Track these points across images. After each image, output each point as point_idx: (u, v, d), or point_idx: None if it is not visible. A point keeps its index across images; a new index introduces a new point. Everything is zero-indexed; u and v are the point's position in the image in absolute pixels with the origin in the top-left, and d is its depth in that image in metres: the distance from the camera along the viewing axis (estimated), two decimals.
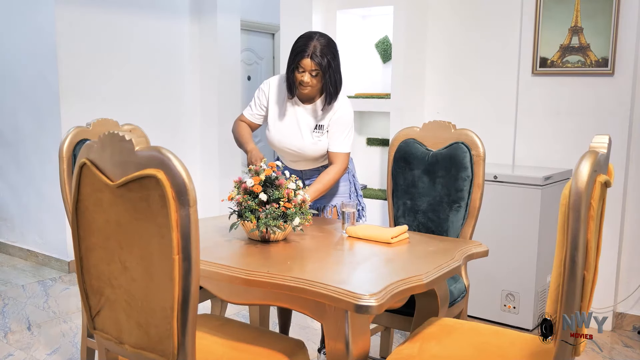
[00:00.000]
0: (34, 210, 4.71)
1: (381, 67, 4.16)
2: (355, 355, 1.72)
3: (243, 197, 2.12)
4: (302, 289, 1.71)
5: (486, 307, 3.40)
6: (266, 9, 5.90)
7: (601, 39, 3.31)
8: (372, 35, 4.16)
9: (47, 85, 4.36)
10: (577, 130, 3.45)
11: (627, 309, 3.44)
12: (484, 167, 2.47)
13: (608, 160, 1.65)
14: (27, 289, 4.08)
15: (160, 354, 1.49)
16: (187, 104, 5.18)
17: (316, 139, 2.59)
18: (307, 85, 2.47)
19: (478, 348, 1.83)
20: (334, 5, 4.01)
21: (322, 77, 2.46)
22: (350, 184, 2.74)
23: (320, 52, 2.42)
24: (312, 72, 2.44)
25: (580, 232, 1.44)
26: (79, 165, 1.55)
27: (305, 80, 2.45)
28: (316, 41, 2.44)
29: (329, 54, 2.44)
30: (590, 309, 1.60)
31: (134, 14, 4.68)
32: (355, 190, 2.77)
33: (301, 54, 2.44)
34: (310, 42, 2.44)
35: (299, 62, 2.44)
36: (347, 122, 2.59)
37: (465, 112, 3.81)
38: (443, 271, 1.90)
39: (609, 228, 3.31)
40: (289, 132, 2.62)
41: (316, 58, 2.41)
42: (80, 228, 1.61)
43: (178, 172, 1.35)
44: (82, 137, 2.54)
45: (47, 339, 3.25)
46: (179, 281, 1.40)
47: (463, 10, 3.79)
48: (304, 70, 2.44)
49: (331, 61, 2.44)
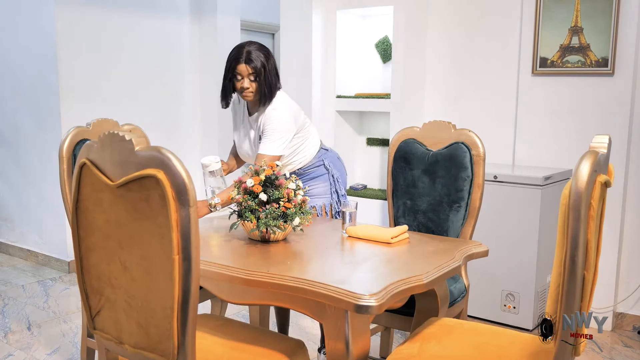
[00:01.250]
0: (34, 210, 4.71)
1: (381, 67, 4.16)
2: (355, 355, 1.72)
3: (243, 197, 2.13)
4: (302, 289, 1.71)
5: (486, 307, 3.40)
6: (266, 9, 5.90)
7: (601, 39, 3.31)
8: (372, 35, 4.16)
9: (47, 85, 4.36)
10: (577, 130, 3.45)
11: (627, 309, 3.44)
12: (484, 167, 2.47)
13: (608, 160, 1.65)
14: (27, 289, 4.08)
15: (160, 354, 1.49)
16: (187, 104, 5.18)
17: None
18: (248, 92, 2.53)
19: (478, 348, 1.83)
20: (333, 5, 4.01)
21: (259, 80, 2.52)
22: (331, 184, 2.75)
23: (254, 56, 2.50)
24: (250, 77, 2.51)
25: (580, 232, 1.44)
26: (79, 165, 1.55)
27: (245, 86, 2.52)
28: (248, 47, 2.52)
29: (262, 57, 2.52)
30: (590, 309, 1.60)
31: (134, 14, 4.68)
32: (336, 191, 2.77)
33: (236, 60, 2.52)
34: (242, 49, 2.52)
35: (235, 68, 2.51)
36: (276, 122, 2.54)
37: (465, 112, 3.81)
38: (443, 271, 1.90)
39: (609, 228, 3.31)
40: (244, 144, 2.73)
41: (250, 62, 2.49)
42: (80, 228, 1.61)
43: (178, 172, 1.35)
44: (82, 137, 2.55)
45: (47, 339, 3.25)
46: (179, 281, 1.40)
47: (463, 10, 3.79)
48: (242, 76, 2.51)
49: (265, 62, 2.51)
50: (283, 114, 2.56)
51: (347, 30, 4.09)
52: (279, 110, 2.56)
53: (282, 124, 2.54)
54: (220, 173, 2.60)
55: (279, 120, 2.54)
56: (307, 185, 2.65)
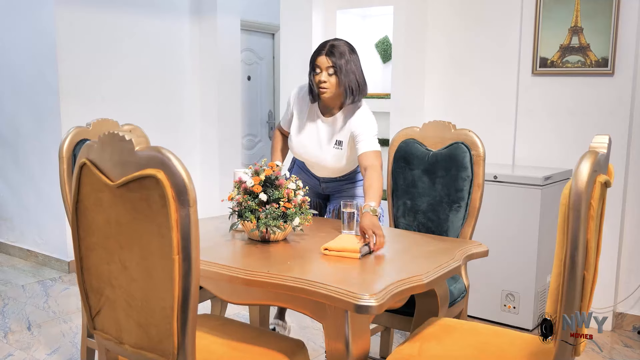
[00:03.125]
0: (34, 210, 4.71)
1: (381, 67, 4.16)
2: (355, 355, 1.72)
3: (243, 197, 2.12)
4: (302, 289, 1.71)
5: (486, 307, 3.40)
6: (266, 9, 5.90)
7: (601, 39, 3.31)
8: (372, 35, 4.16)
9: (47, 85, 4.35)
10: (577, 130, 3.45)
11: (627, 309, 3.44)
12: (484, 167, 2.47)
13: (608, 160, 1.65)
14: (27, 289, 4.08)
15: (160, 354, 1.49)
16: (187, 104, 5.18)
17: (336, 151, 2.57)
18: (324, 87, 2.43)
19: (478, 348, 1.83)
20: (334, 5, 4.01)
21: (339, 76, 2.42)
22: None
23: (337, 50, 2.41)
24: (329, 71, 2.41)
25: (580, 232, 1.44)
26: (79, 165, 1.55)
27: (323, 79, 2.42)
28: (333, 41, 2.46)
29: (346, 53, 2.42)
30: (590, 309, 1.60)
31: (133, 14, 4.68)
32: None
33: (317, 52, 2.45)
34: (327, 43, 2.46)
35: (315, 60, 2.44)
36: (370, 124, 2.51)
37: (465, 112, 3.81)
38: (443, 271, 1.90)
39: (609, 228, 3.31)
40: (309, 144, 2.62)
41: (331, 55, 2.40)
42: (80, 228, 1.61)
43: (178, 172, 1.35)
44: (82, 137, 2.54)
45: (47, 339, 3.25)
46: (179, 281, 1.40)
47: (463, 10, 3.79)
48: (320, 69, 2.43)
49: (349, 58, 2.42)
50: (373, 119, 2.53)
51: (347, 30, 4.09)
52: (370, 116, 2.53)
53: (374, 126, 2.51)
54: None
55: (372, 122, 2.51)
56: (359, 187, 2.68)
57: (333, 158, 2.58)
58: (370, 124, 2.50)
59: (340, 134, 2.54)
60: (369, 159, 2.42)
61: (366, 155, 2.43)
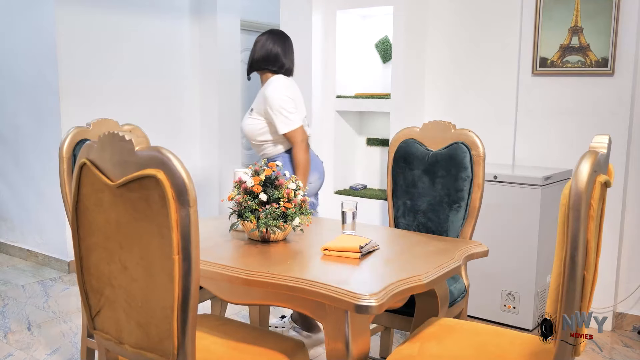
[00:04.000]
0: (34, 210, 4.71)
1: (381, 67, 4.16)
2: (355, 355, 1.72)
3: (243, 197, 2.12)
4: (302, 289, 1.71)
5: (486, 307, 3.40)
6: (266, 9, 5.89)
7: (601, 39, 3.30)
8: (372, 35, 4.16)
9: (47, 85, 4.35)
10: (577, 130, 3.45)
11: (627, 309, 3.44)
12: (484, 167, 2.47)
13: (608, 160, 1.65)
14: (27, 289, 4.08)
15: (160, 354, 1.49)
16: (187, 104, 5.18)
17: (249, 120, 2.90)
18: None
19: (478, 348, 1.83)
20: (334, 5, 4.01)
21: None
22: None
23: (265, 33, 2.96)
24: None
25: (580, 232, 1.44)
26: (79, 165, 1.55)
27: None
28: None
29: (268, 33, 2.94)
30: (590, 309, 1.60)
31: (134, 14, 4.68)
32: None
33: None
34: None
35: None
36: (274, 101, 2.79)
37: (465, 112, 3.81)
38: (443, 271, 1.90)
39: (609, 228, 3.31)
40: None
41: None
42: (80, 228, 1.61)
43: (178, 172, 1.35)
44: (82, 137, 2.54)
45: (47, 339, 3.25)
46: (179, 281, 1.40)
47: (463, 10, 3.79)
48: None
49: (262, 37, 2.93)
50: (278, 91, 2.85)
51: (347, 30, 4.09)
52: (275, 89, 2.85)
53: (279, 98, 2.83)
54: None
55: (275, 97, 2.82)
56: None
57: (245, 126, 2.94)
58: (274, 102, 2.80)
59: (254, 102, 2.89)
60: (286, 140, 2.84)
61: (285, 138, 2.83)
